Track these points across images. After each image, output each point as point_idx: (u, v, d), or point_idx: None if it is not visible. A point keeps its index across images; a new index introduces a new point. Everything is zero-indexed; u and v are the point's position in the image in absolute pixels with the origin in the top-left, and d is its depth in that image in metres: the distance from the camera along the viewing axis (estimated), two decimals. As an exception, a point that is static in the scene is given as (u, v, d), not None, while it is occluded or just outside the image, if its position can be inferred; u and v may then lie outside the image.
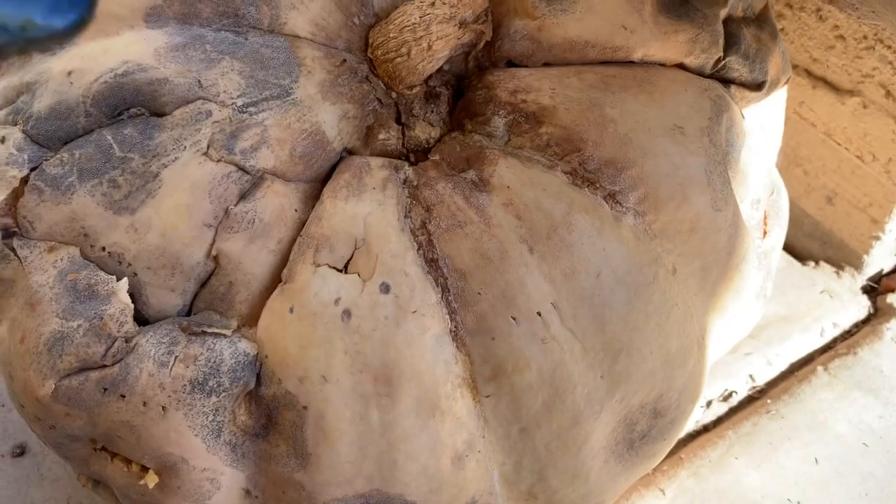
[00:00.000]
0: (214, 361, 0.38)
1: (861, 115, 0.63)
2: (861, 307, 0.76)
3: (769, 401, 0.68)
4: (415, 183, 0.41)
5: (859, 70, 0.61)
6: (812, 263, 0.79)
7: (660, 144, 0.41)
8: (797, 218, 0.79)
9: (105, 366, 0.38)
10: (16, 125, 0.40)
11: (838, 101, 0.64)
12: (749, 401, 0.69)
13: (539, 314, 0.38)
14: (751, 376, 0.69)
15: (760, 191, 0.48)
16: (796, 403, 0.67)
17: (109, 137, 0.38)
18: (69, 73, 0.39)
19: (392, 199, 0.40)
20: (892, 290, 0.77)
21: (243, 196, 0.39)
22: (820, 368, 0.70)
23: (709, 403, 0.68)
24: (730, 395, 0.69)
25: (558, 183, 0.40)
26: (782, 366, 0.71)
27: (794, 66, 0.67)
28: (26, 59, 0.43)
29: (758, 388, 0.70)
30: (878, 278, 0.78)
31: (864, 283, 0.77)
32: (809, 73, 0.66)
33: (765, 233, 0.51)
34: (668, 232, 0.42)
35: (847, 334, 0.74)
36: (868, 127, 0.64)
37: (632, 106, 0.41)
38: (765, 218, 0.50)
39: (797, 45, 0.65)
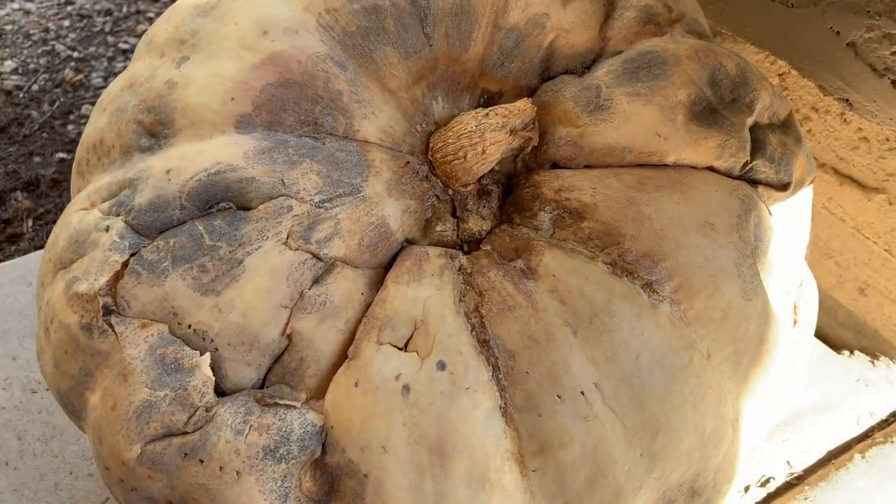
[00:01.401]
0: (285, 431, 0.42)
1: (887, 211, 0.67)
2: (897, 396, 0.77)
3: (807, 487, 0.69)
4: (469, 270, 0.45)
5: (883, 169, 0.65)
6: (847, 352, 0.81)
7: (692, 239, 0.45)
8: (831, 308, 0.81)
9: (187, 432, 0.42)
10: (118, 216, 0.45)
11: (865, 197, 0.68)
12: (787, 487, 0.70)
13: (582, 393, 0.42)
14: (788, 462, 0.71)
15: (789, 282, 0.51)
16: (833, 490, 0.68)
17: (201, 228, 0.44)
18: (168, 171, 0.45)
19: (448, 285, 0.44)
20: (929, 380, 0.78)
21: (316, 280, 0.44)
22: (857, 456, 0.71)
23: (747, 489, 0.69)
24: (767, 480, 0.70)
25: (599, 272, 0.44)
26: (819, 453, 0.72)
27: (822, 165, 0.71)
28: (127, 157, 0.49)
29: (795, 475, 0.71)
30: (913, 368, 0.80)
31: (900, 372, 0.78)
32: (837, 171, 0.70)
33: (795, 321, 0.53)
34: (701, 319, 0.45)
35: (884, 423, 0.75)
36: (894, 222, 0.67)
37: (666, 204, 0.45)
38: (794, 308, 0.53)
39: (824, 146, 0.69)
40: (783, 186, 0.50)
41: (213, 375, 0.43)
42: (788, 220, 0.53)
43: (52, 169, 1.20)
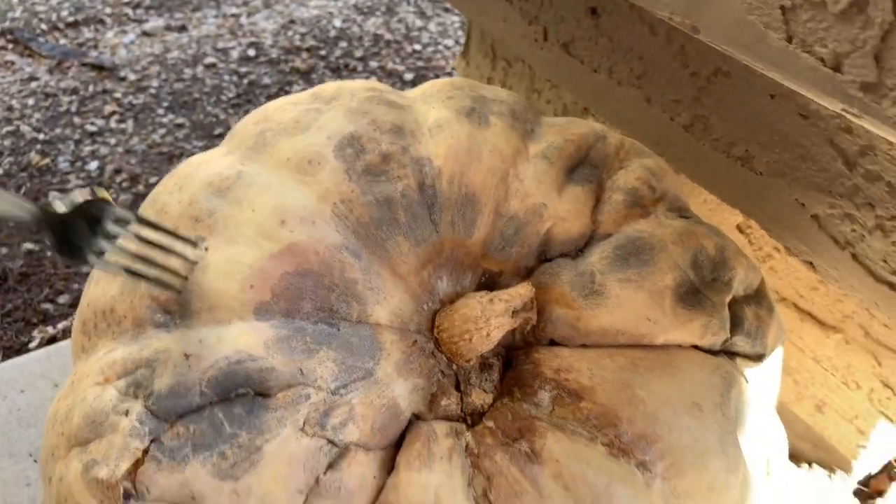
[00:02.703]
0: None
1: (844, 349, 0.72)
2: (853, 511, 0.82)
3: None
4: (475, 452, 0.48)
5: (841, 311, 0.70)
6: (806, 466, 0.85)
7: (682, 420, 0.48)
8: (790, 421, 0.86)
9: None
10: (137, 398, 0.47)
11: (824, 334, 0.73)
12: None
13: (585, 577, 0.45)
14: (756, 582, 0.74)
15: (764, 441, 0.55)
16: None
17: (221, 415, 0.45)
18: (187, 357, 0.47)
19: (458, 470, 0.46)
20: (881, 493, 0.83)
21: (331, 465, 0.46)
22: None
23: None
24: None
25: (599, 456, 0.47)
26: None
27: (783, 299, 0.76)
28: (140, 331, 0.50)
29: None
30: (866, 481, 0.85)
31: (856, 486, 0.83)
32: (797, 308, 0.75)
33: (767, 473, 0.57)
34: (689, 492, 0.49)
35: (842, 537, 0.80)
36: (851, 360, 0.72)
37: (657, 386, 0.49)
38: (767, 462, 0.57)
39: (785, 283, 0.74)
40: (758, 357, 0.54)
41: (231, 560, 0.44)
42: (761, 380, 0.57)
43: (20, 262, 1.19)
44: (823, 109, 0.55)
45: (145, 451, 0.45)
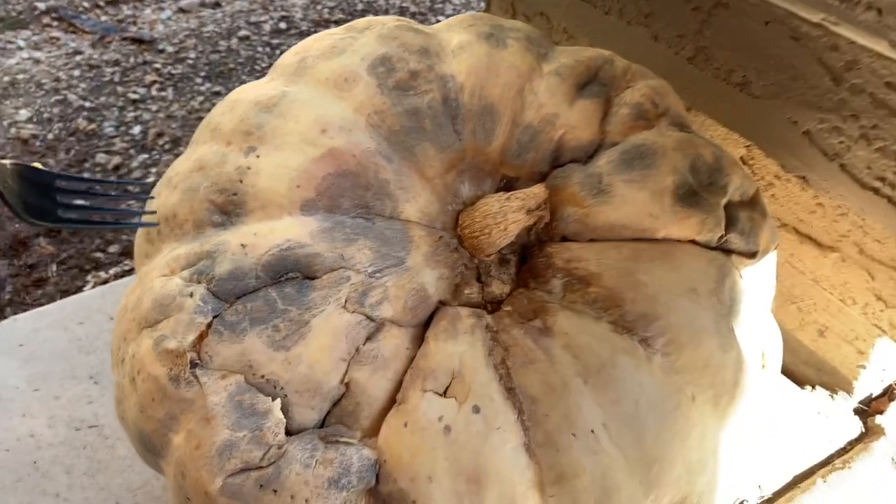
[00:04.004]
0: (346, 464, 0.50)
1: (840, 266, 0.77)
2: (853, 427, 0.87)
3: (776, 509, 0.78)
4: (494, 329, 0.54)
5: (837, 231, 0.75)
6: (809, 388, 0.91)
7: (680, 302, 0.54)
8: (794, 348, 0.91)
9: (262, 467, 0.50)
10: (200, 283, 0.54)
11: (821, 255, 0.78)
12: (759, 508, 0.79)
13: (592, 432, 0.51)
14: (759, 486, 0.80)
15: (758, 333, 0.61)
16: (800, 511, 0.78)
17: (274, 294, 0.52)
18: (244, 246, 0.54)
19: (479, 341, 0.53)
20: (881, 412, 0.89)
21: (369, 338, 0.52)
22: (819, 480, 0.81)
23: (724, 510, 0.78)
24: (741, 502, 0.79)
25: (605, 331, 0.53)
26: (786, 478, 0.82)
27: (784, 225, 0.81)
28: (200, 231, 0.57)
29: (766, 498, 0.80)
30: (868, 401, 0.90)
31: (856, 405, 0.89)
32: (797, 231, 0.80)
33: (763, 366, 0.63)
34: (687, 368, 0.55)
35: (842, 451, 0.85)
36: (847, 277, 0.77)
37: (658, 273, 0.55)
38: (762, 355, 0.63)
39: (786, 209, 0.80)
40: (751, 255, 0.60)
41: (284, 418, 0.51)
42: (756, 280, 0.63)
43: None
44: (812, 31, 0.61)
45: (209, 326, 0.52)
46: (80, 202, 0.53)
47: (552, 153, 0.59)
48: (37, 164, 0.53)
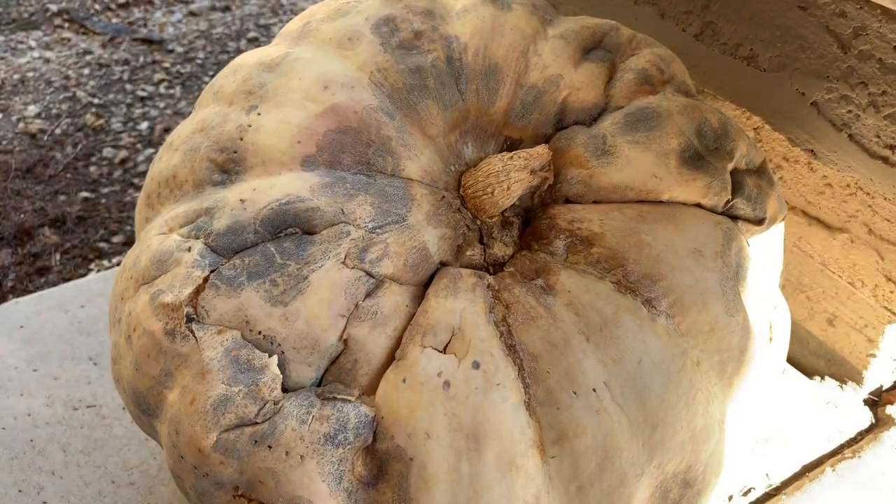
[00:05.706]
0: (342, 420, 0.49)
1: (849, 248, 0.76)
2: (863, 417, 0.85)
3: (784, 497, 0.77)
4: (496, 287, 0.53)
5: (845, 212, 0.74)
6: (819, 378, 0.89)
7: (684, 263, 0.53)
8: (803, 338, 0.90)
9: (257, 422, 0.49)
10: (198, 239, 0.53)
11: (830, 237, 0.77)
12: (766, 497, 0.78)
13: (594, 390, 0.50)
14: (767, 475, 0.79)
15: (765, 303, 0.60)
16: (808, 500, 0.76)
17: (272, 249, 0.51)
18: (242, 201, 0.53)
19: (480, 299, 0.52)
20: (891, 403, 0.87)
21: (369, 294, 0.52)
22: (829, 469, 0.79)
23: (730, 498, 0.77)
24: (749, 490, 0.77)
25: (607, 290, 0.52)
26: (795, 467, 0.80)
27: (792, 208, 0.80)
28: (200, 190, 0.57)
29: (774, 486, 0.78)
30: (878, 392, 0.89)
31: (866, 396, 0.87)
32: (805, 213, 0.79)
33: (770, 339, 0.62)
34: (692, 331, 0.54)
35: (852, 440, 0.83)
36: (856, 258, 0.76)
37: (662, 234, 0.54)
38: (770, 327, 0.62)
39: (794, 191, 0.79)
40: (759, 221, 0.59)
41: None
42: (764, 250, 0.62)
43: (77, 207, 1.27)
44: (819, -1, 0.60)
45: (205, 280, 0.52)
46: None
47: (556, 115, 0.58)
48: None
